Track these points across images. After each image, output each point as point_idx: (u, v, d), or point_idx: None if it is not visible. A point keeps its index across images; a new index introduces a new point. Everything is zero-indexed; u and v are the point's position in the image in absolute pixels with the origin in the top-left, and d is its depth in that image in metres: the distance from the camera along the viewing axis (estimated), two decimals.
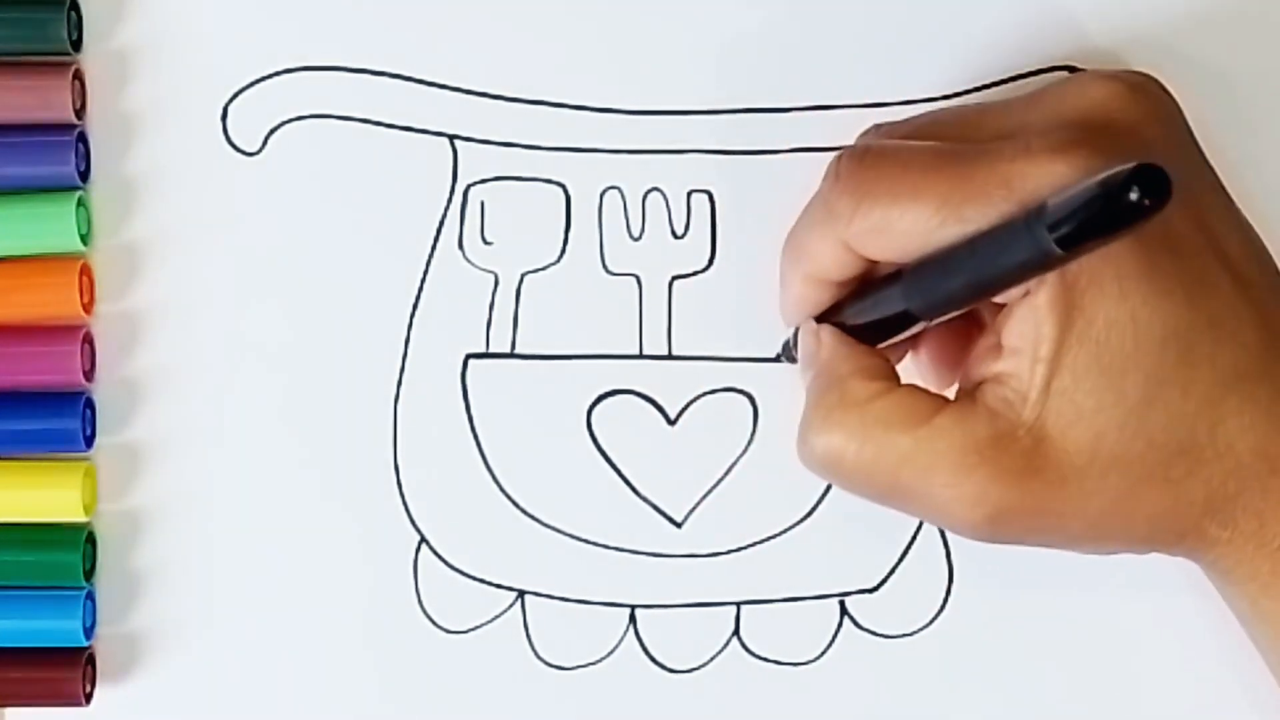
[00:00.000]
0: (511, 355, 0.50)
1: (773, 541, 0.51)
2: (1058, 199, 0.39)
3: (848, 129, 0.49)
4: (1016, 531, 0.44)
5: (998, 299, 0.43)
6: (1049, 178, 0.42)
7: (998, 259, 0.41)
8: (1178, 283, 0.43)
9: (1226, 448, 0.44)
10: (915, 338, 0.47)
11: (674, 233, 0.50)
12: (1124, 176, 0.37)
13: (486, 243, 0.50)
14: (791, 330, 0.48)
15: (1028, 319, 0.43)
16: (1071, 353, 0.43)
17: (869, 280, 0.46)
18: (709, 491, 0.51)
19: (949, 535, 0.50)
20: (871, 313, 0.46)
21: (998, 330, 0.44)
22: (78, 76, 0.50)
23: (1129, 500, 0.44)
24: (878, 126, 0.47)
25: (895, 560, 0.51)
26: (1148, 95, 0.45)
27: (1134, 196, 0.37)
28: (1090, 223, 0.38)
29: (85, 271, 0.50)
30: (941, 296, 0.43)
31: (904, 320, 0.45)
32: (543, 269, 0.50)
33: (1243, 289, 0.44)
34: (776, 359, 0.50)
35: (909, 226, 0.43)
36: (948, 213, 0.43)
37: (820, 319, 0.47)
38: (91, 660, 0.51)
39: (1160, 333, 0.43)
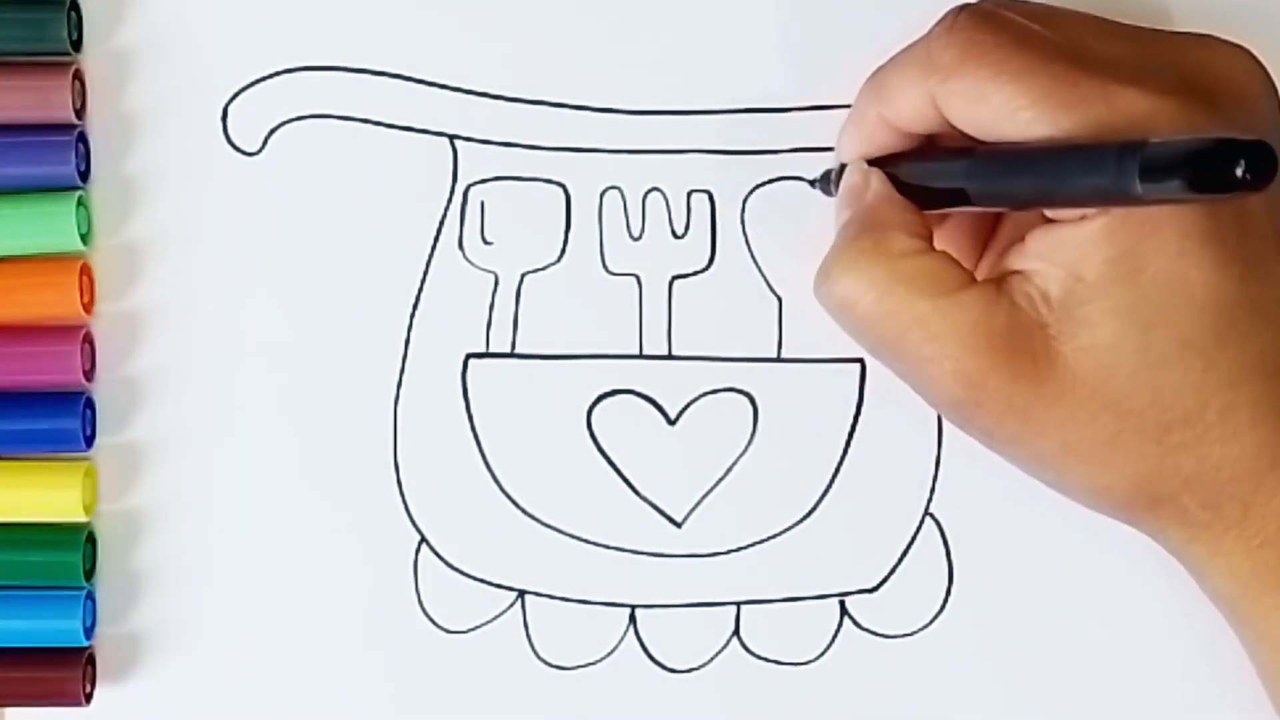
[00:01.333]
0: (511, 355, 0.50)
1: (773, 541, 0.51)
2: (1160, 142, 0.38)
3: None
4: (990, 423, 0.44)
5: (1050, 213, 0.43)
6: (1155, 112, 0.42)
7: (1074, 175, 0.41)
8: (1237, 258, 0.43)
9: (1233, 433, 0.43)
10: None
11: (674, 233, 0.50)
12: (1237, 146, 0.37)
13: (486, 243, 0.50)
14: (838, 164, 0.48)
15: (1073, 237, 0.42)
16: (1112, 288, 0.42)
17: (934, 146, 0.46)
18: (709, 491, 0.51)
19: (949, 535, 0.50)
20: (927, 178, 0.45)
21: (1029, 232, 0.44)
22: (78, 76, 0.50)
23: (1112, 446, 0.43)
24: None
25: (895, 560, 0.51)
26: (1263, 73, 0.45)
27: (1239, 171, 0.37)
28: (1185, 176, 0.37)
29: (85, 271, 0.50)
30: (1004, 190, 0.43)
31: (955, 197, 0.44)
32: (543, 269, 0.50)
33: None
34: (812, 184, 0.49)
35: (1000, 105, 0.43)
36: (1041, 109, 0.42)
37: (872, 163, 0.47)
38: (91, 660, 0.51)
39: (1204, 300, 0.42)
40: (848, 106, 0.49)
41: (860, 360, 0.50)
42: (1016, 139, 0.43)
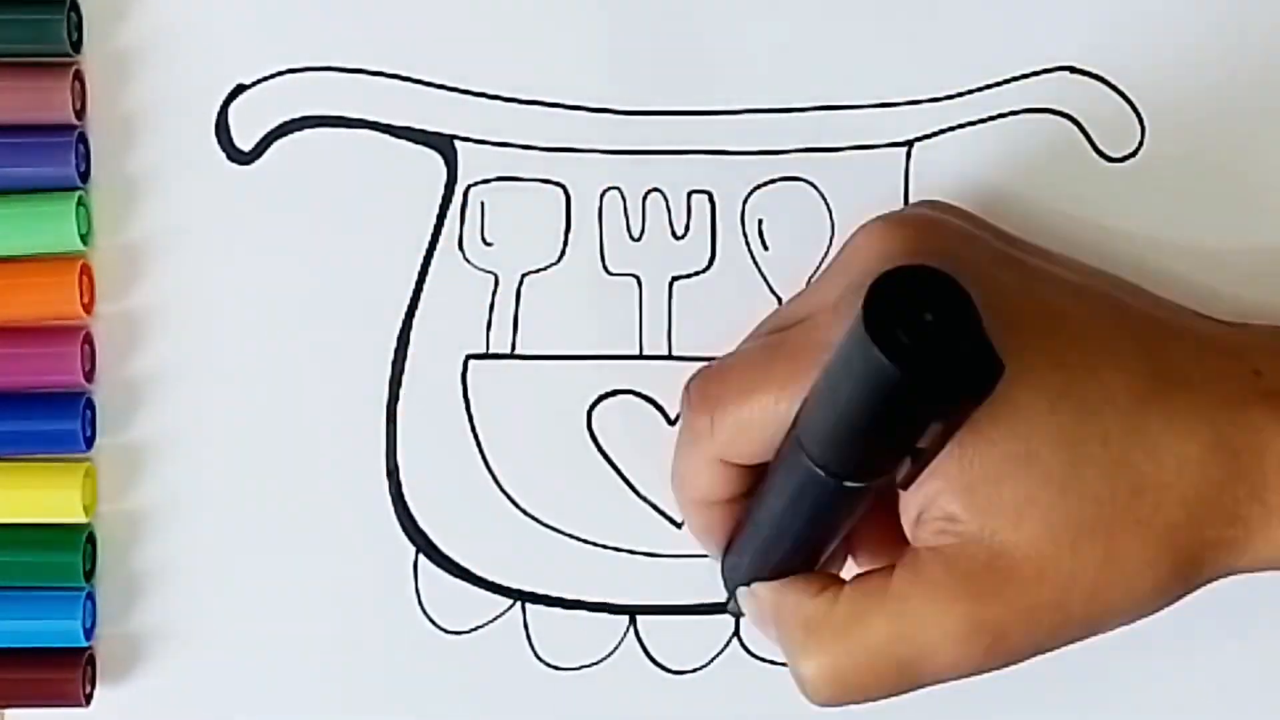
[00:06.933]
0: (511, 356, 0.50)
1: None
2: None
3: (850, 129, 0.49)
4: (1026, 643, 0.43)
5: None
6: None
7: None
8: (1032, 351, 0.42)
9: (1176, 465, 0.42)
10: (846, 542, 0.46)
11: (674, 233, 0.50)
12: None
13: (486, 243, 0.50)
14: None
15: (935, 468, 0.42)
16: (976, 461, 0.42)
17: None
18: None
19: None
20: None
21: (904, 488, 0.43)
22: (78, 77, 0.50)
23: (1114, 560, 0.43)
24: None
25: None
26: (904, 225, 0.45)
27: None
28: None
29: (85, 271, 0.50)
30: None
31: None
32: (543, 269, 0.50)
33: (1109, 317, 0.44)
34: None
35: (759, 417, 0.44)
36: (787, 392, 0.43)
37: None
38: (91, 661, 0.51)
39: (1044, 403, 0.42)
40: (850, 107, 0.49)
41: None
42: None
